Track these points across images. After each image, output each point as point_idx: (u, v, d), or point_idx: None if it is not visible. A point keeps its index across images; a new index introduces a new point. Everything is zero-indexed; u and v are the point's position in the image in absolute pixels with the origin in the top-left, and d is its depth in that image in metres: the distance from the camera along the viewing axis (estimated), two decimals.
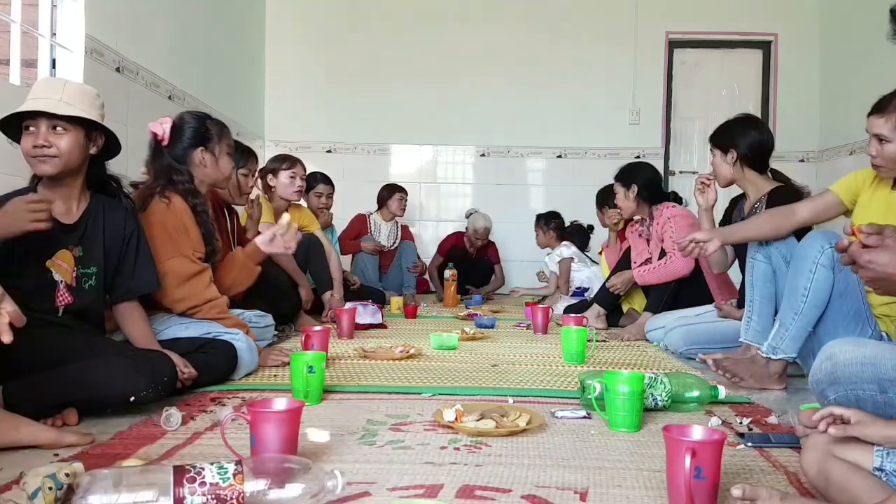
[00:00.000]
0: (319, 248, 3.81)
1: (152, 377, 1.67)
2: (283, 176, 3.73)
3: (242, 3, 5.61)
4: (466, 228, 5.43)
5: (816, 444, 1.15)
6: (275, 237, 2.40)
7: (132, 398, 1.64)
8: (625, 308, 3.74)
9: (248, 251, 2.48)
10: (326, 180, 4.48)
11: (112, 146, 1.95)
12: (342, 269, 4.06)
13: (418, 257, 5.21)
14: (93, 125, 1.85)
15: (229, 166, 2.45)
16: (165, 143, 2.27)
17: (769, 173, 2.75)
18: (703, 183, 2.84)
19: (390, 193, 5.13)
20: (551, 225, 4.92)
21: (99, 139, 1.89)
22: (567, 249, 4.75)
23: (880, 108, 2.06)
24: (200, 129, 2.34)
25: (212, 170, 2.35)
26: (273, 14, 6.11)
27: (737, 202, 2.89)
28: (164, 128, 2.27)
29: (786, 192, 2.57)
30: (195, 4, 4.53)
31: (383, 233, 5.14)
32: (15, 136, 1.85)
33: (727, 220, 2.93)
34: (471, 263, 5.40)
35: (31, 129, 1.78)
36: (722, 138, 2.75)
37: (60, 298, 1.83)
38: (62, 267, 1.84)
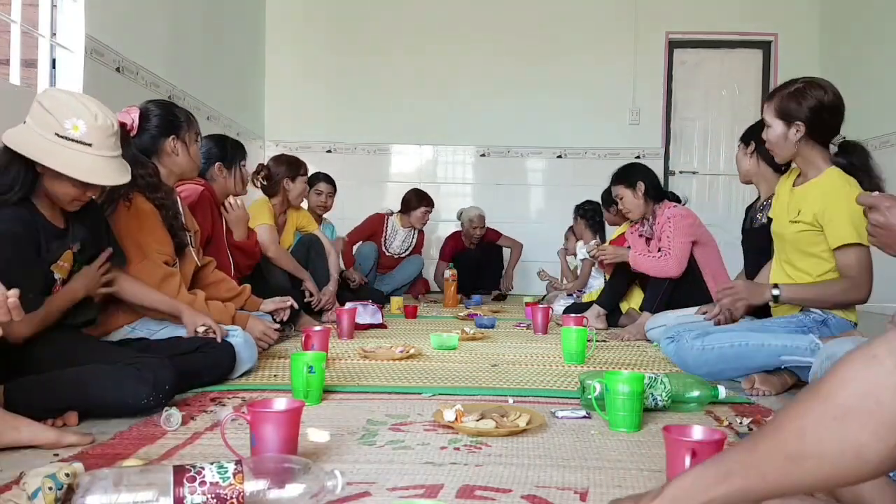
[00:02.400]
0: (319, 247, 3.82)
1: (155, 386, 1.65)
2: (300, 182, 3.84)
3: (242, 4, 5.62)
4: (462, 225, 5.44)
5: None
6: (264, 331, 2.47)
7: (133, 406, 1.63)
8: (624, 308, 3.74)
9: (240, 308, 2.52)
10: (329, 180, 4.49)
11: None
12: (341, 267, 4.06)
13: (420, 279, 5.20)
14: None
15: (199, 155, 2.43)
16: (134, 132, 2.21)
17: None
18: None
19: (418, 203, 5.08)
20: (586, 214, 4.64)
21: None
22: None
23: (769, 96, 2.25)
24: (169, 117, 2.30)
25: (183, 158, 2.32)
26: (273, 14, 6.11)
27: (750, 209, 2.90)
28: (132, 116, 2.19)
29: None
30: (195, 5, 4.54)
31: (399, 238, 5.13)
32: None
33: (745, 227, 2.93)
34: (479, 258, 5.38)
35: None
36: (750, 134, 2.76)
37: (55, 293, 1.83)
38: (63, 267, 1.85)
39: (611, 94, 6.04)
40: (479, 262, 5.42)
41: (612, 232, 4.51)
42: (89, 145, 1.71)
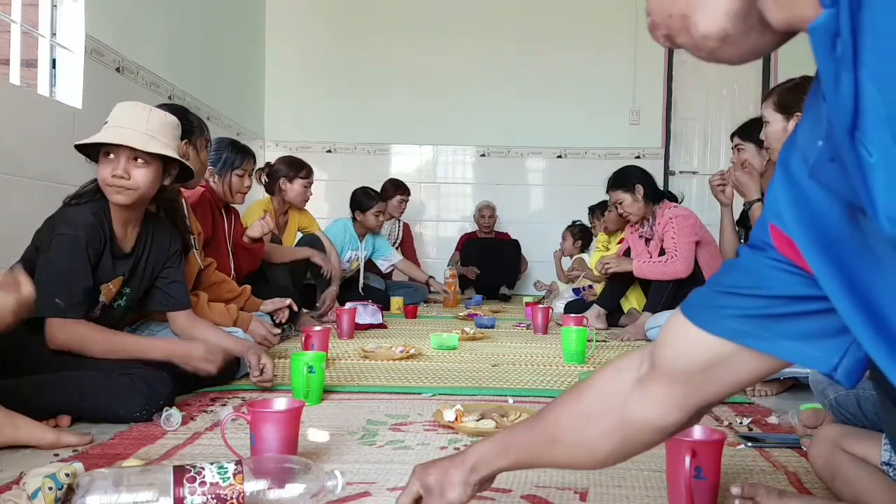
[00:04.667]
0: (320, 247, 3.81)
1: (149, 398, 1.64)
2: (298, 184, 3.75)
3: (242, 4, 5.61)
4: (474, 219, 5.45)
5: (826, 435, 1.15)
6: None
7: (125, 418, 1.62)
8: (626, 308, 3.74)
9: (240, 309, 2.48)
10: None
11: (184, 175, 1.98)
12: (340, 265, 4.04)
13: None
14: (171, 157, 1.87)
15: (207, 161, 2.45)
16: None
17: None
18: (720, 180, 2.83)
19: (393, 192, 5.08)
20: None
21: (173, 170, 1.91)
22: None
23: (767, 94, 2.30)
24: (182, 121, 2.30)
25: (192, 163, 2.31)
26: (273, 15, 6.11)
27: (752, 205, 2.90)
28: None
29: None
30: (195, 4, 4.53)
31: (384, 231, 5.12)
32: (90, 153, 1.85)
33: (744, 220, 2.93)
34: (492, 251, 5.34)
35: (111, 156, 1.77)
36: (752, 130, 2.75)
37: (91, 314, 1.84)
38: (111, 290, 1.86)
39: (611, 94, 6.04)
40: (494, 258, 5.36)
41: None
42: (106, 122, 1.79)
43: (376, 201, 4.32)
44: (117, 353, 1.77)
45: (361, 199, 4.27)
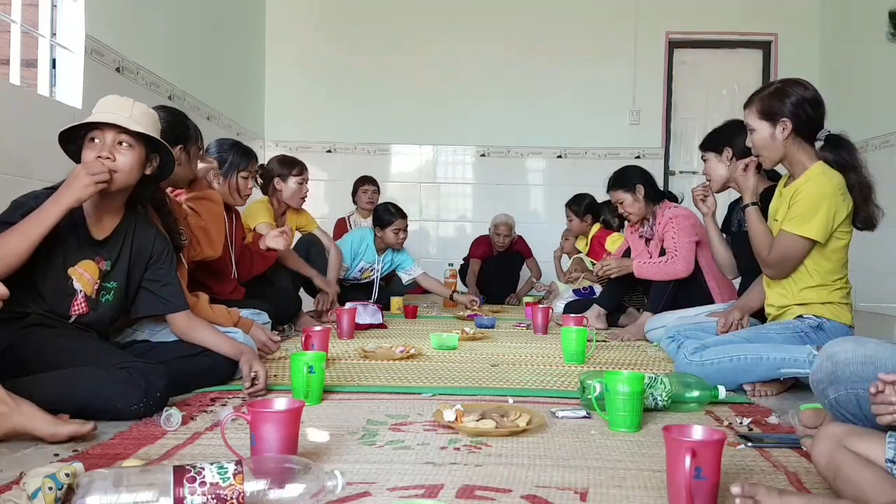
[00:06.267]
0: (320, 246, 3.81)
1: (146, 392, 1.65)
2: (292, 182, 3.68)
3: (242, 4, 5.62)
4: (489, 230, 5.41)
5: (828, 434, 1.15)
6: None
7: (123, 411, 1.63)
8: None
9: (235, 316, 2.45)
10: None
11: (164, 170, 1.96)
12: (341, 262, 4.03)
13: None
14: (152, 148, 1.87)
15: (197, 170, 2.44)
16: None
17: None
18: (702, 192, 2.87)
19: (358, 185, 5.07)
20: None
21: (154, 161, 1.90)
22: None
23: (748, 101, 2.26)
24: (179, 126, 2.31)
25: (183, 169, 2.32)
26: (273, 15, 6.12)
27: (734, 206, 2.91)
28: None
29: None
30: (195, 4, 4.54)
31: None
32: (68, 150, 1.86)
33: (727, 224, 2.94)
34: (501, 265, 5.28)
35: (97, 140, 1.78)
36: (715, 141, 2.78)
37: (76, 307, 1.83)
38: (84, 277, 1.84)
39: (611, 94, 6.04)
40: (497, 269, 5.33)
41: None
42: (91, 114, 1.81)
43: (396, 218, 4.20)
44: (28, 231, 1.68)
45: (381, 216, 4.23)
